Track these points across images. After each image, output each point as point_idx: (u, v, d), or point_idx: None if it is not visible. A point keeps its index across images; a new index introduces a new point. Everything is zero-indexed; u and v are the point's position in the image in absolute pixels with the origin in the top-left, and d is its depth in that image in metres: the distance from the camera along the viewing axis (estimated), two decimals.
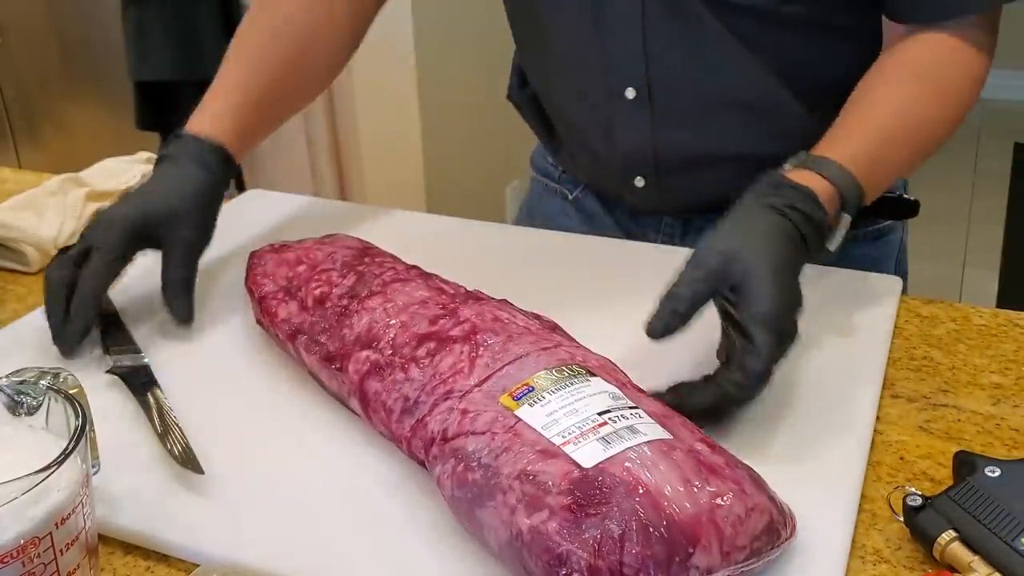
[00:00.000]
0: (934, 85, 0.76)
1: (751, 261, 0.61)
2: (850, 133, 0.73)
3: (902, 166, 0.75)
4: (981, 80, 0.78)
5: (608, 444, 0.48)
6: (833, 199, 0.68)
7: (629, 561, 0.44)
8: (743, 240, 0.63)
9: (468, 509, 0.51)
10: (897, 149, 0.74)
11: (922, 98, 0.75)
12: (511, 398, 0.53)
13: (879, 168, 0.72)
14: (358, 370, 0.60)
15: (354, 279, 0.67)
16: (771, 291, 0.60)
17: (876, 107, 0.74)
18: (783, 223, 0.64)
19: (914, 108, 0.75)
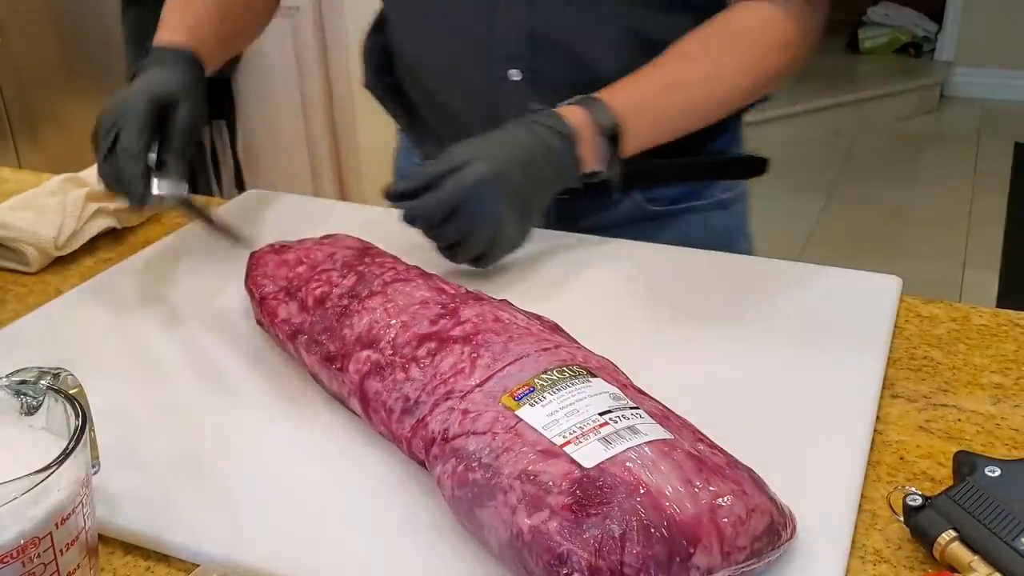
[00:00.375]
0: (732, 48, 0.83)
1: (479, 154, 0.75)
2: (630, 81, 0.81)
3: (682, 112, 0.83)
4: (787, 47, 0.83)
5: (609, 444, 0.48)
6: (586, 122, 0.78)
7: (630, 561, 0.44)
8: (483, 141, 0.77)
9: (468, 509, 0.51)
10: (673, 96, 0.82)
11: (714, 56, 0.83)
12: (512, 398, 0.53)
13: (648, 111, 0.81)
14: (358, 370, 0.60)
15: (354, 279, 0.67)
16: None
17: (666, 61, 0.82)
18: (525, 131, 0.77)
19: (702, 64, 0.82)
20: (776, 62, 0.83)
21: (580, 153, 0.77)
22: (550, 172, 0.77)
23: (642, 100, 0.81)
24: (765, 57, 0.83)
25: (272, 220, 0.95)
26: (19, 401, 0.50)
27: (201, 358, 0.72)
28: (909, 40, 4.29)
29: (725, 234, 0.97)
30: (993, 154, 3.52)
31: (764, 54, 0.83)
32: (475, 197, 0.74)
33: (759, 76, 0.83)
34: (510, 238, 0.77)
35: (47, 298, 0.84)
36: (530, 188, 0.76)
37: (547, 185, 0.77)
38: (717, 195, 0.97)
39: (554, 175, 0.77)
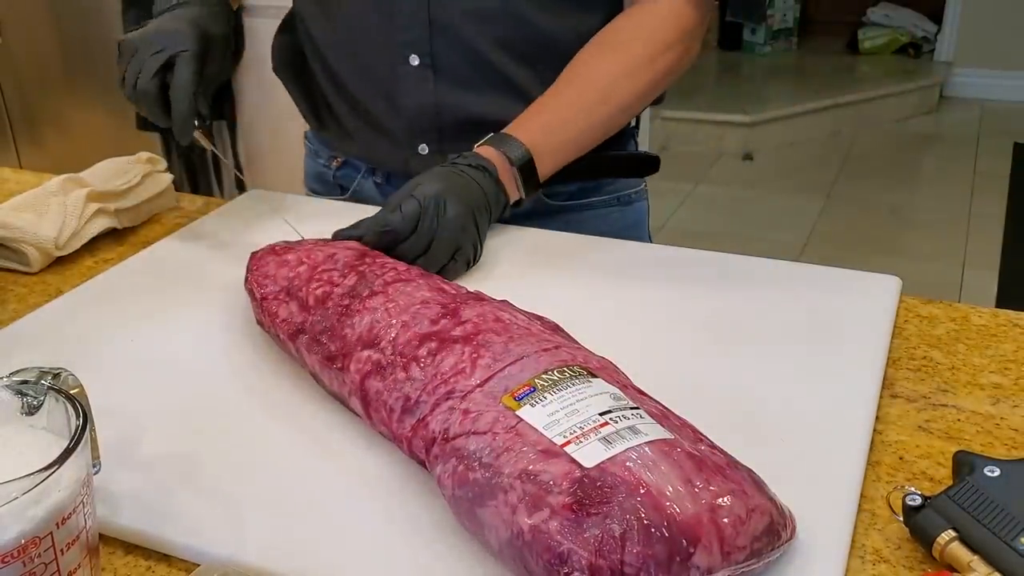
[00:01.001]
0: (623, 61, 0.88)
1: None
2: (534, 110, 0.87)
3: (587, 131, 0.89)
4: (674, 47, 0.89)
5: (609, 444, 0.49)
6: (501, 158, 0.84)
7: (630, 560, 0.44)
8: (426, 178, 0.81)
9: (469, 508, 0.51)
10: (577, 119, 0.88)
11: (607, 72, 0.88)
12: (512, 398, 0.53)
13: (555, 135, 0.87)
14: (359, 369, 0.60)
15: (355, 279, 0.67)
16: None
17: (564, 86, 0.88)
18: (451, 170, 0.81)
19: (598, 82, 0.88)
20: (664, 64, 0.89)
21: (502, 183, 0.83)
22: (482, 200, 0.81)
23: (548, 128, 0.86)
24: (654, 62, 0.88)
25: (272, 220, 0.95)
26: (20, 401, 0.50)
27: (202, 358, 0.72)
28: (909, 41, 4.29)
29: (624, 230, 1.01)
30: (992, 154, 3.52)
31: (653, 59, 0.88)
32: (435, 204, 0.78)
33: (652, 81, 0.89)
34: (466, 249, 0.79)
35: (48, 298, 0.84)
36: (473, 207, 0.79)
37: (483, 210, 0.81)
38: (616, 191, 1.02)
39: (485, 203, 0.81)
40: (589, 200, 1.00)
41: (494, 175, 0.82)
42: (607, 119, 0.89)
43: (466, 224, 0.78)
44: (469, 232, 0.79)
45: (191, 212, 1.01)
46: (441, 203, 0.78)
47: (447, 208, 0.78)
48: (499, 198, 0.83)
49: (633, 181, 1.03)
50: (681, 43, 0.89)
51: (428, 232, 0.77)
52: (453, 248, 0.78)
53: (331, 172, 1.05)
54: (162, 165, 1.03)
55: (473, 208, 0.79)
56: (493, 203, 0.82)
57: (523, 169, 0.84)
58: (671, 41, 0.88)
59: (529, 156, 0.84)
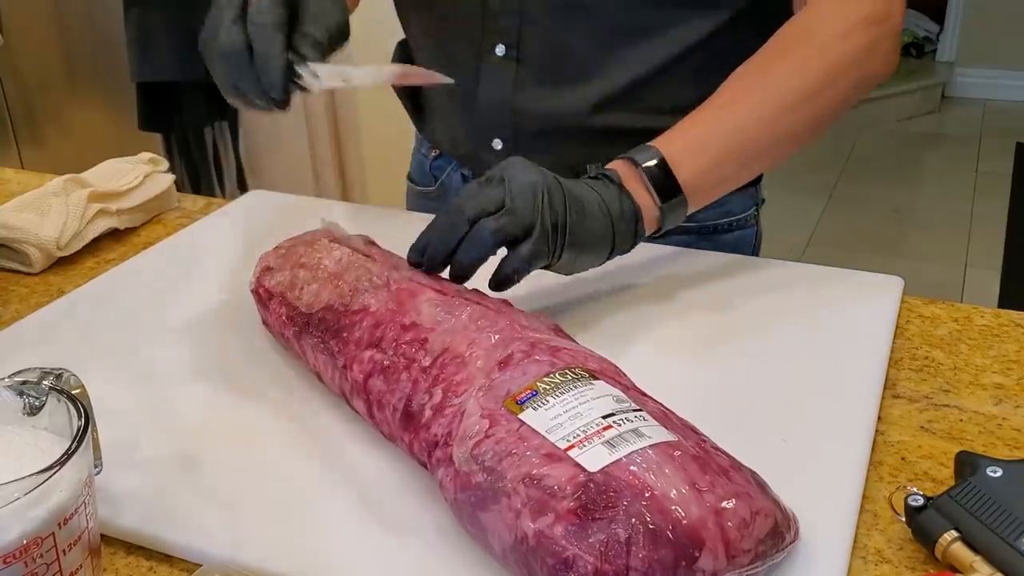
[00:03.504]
0: (783, 57, 0.75)
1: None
2: (693, 124, 0.74)
3: (744, 126, 0.74)
4: (852, 34, 0.74)
5: (613, 448, 0.48)
6: (625, 164, 0.71)
7: (635, 565, 0.44)
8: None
9: (471, 513, 0.51)
10: (725, 115, 0.74)
11: (764, 75, 0.75)
12: (515, 402, 0.52)
13: (699, 135, 0.73)
14: (362, 370, 0.60)
15: (359, 280, 0.67)
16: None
17: (716, 94, 0.75)
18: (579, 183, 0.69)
19: (746, 79, 0.75)
20: (836, 53, 0.74)
21: (627, 189, 0.70)
22: (582, 194, 0.68)
23: (687, 131, 0.73)
24: (820, 53, 0.74)
25: (274, 221, 0.95)
26: (22, 401, 0.50)
27: (203, 358, 0.72)
28: (911, 40, 4.29)
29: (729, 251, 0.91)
30: (995, 154, 3.52)
31: (818, 49, 0.74)
32: (511, 166, 0.67)
33: (820, 72, 0.74)
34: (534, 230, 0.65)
35: (49, 299, 0.84)
36: (555, 184, 0.67)
37: (584, 204, 0.68)
38: (715, 219, 0.93)
39: (593, 202, 0.68)
40: (685, 224, 0.87)
41: (616, 180, 0.70)
42: (771, 116, 0.74)
43: (535, 192, 0.65)
44: (538, 202, 0.65)
45: (193, 212, 1.01)
46: (523, 164, 0.67)
47: (528, 169, 0.66)
48: (624, 205, 0.69)
49: (735, 208, 0.93)
50: (864, 28, 0.74)
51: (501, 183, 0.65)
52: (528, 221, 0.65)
53: (428, 162, 1.04)
54: (164, 165, 1.03)
55: (552, 186, 0.66)
56: (615, 213, 0.68)
57: (652, 173, 0.71)
58: (846, 30, 0.74)
59: (660, 156, 0.71)
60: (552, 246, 0.66)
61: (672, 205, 0.71)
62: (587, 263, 0.70)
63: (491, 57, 0.87)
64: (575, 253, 0.68)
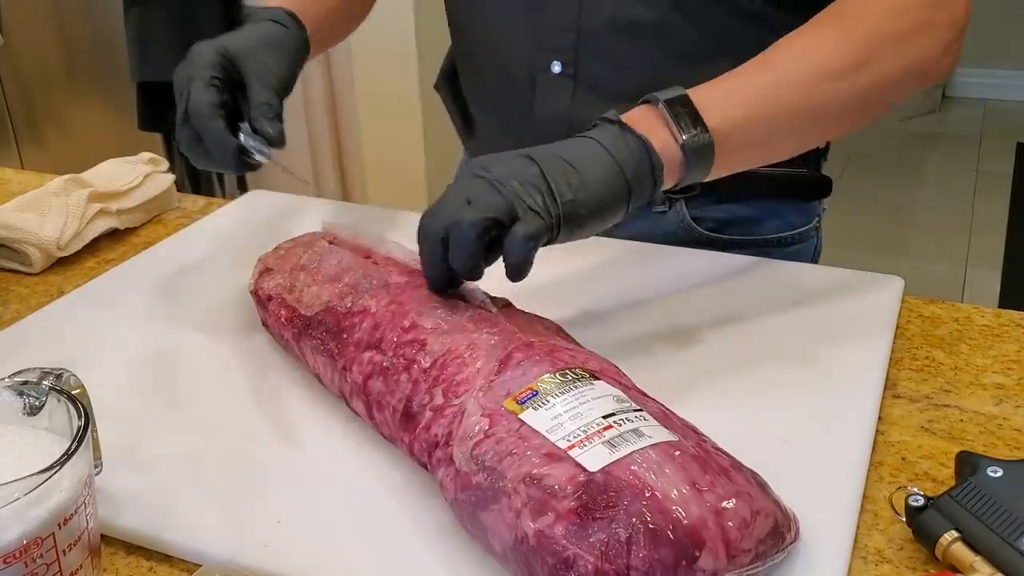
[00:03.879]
0: (830, 25, 0.70)
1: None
2: (726, 77, 0.69)
3: (778, 83, 0.69)
4: (900, 11, 0.70)
5: (614, 448, 0.48)
6: (644, 108, 0.66)
7: (636, 564, 0.44)
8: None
9: (472, 513, 0.51)
10: (759, 71, 0.69)
11: (810, 37, 0.70)
12: (515, 402, 0.52)
13: (728, 82, 0.68)
14: (362, 371, 0.60)
15: (358, 281, 0.67)
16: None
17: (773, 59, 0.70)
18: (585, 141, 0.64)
19: (794, 46, 0.70)
20: (886, 28, 0.69)
21: (630, 126, 0.64)
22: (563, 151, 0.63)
23: (718, 82, 0.68)
24: (866, 25, 0.69)
25: (274, 221, 0.95)
26: (22, 402, 0.50)
27: (204, 358, 0.72)
28: None
29: None
30: (995, 154, 3.52)
31: (863, 21, 0.69)
32: (467, 167, 0.64)
33: (865, 45, 0.69)
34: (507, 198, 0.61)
35: (49, 299, 0.84)
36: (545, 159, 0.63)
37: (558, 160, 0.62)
38: (778, 230, 0.90)
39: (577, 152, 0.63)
40: (744, 237, 0.88)
41: (613, 120, 0.64)
42: (810, 80, 0.68)
43: (496, 174, 0.61)
44: (509, 186, 0.60)
45: (193, 213, 1.01)
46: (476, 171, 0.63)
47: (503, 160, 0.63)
48: (627, 142, 0.63)
49: (798, 220, 0.90)
50: (916, 9, 0.69)
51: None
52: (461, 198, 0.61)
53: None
54: (164, 165, 1.03)
55: (519, 157, 0.62)
56: (618, 153, 0.62)
57: (673, 106, 0.64)
58: (898, 8, 0.69)
59: (682, 92, 0.65)
60: (548, 216, 0.61)
61: (695, 144, 0.64)
62: (603, 219, 0.63)
63: (546, 75, 0.85)
64: (582, 214, 0.62)
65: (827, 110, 0.69)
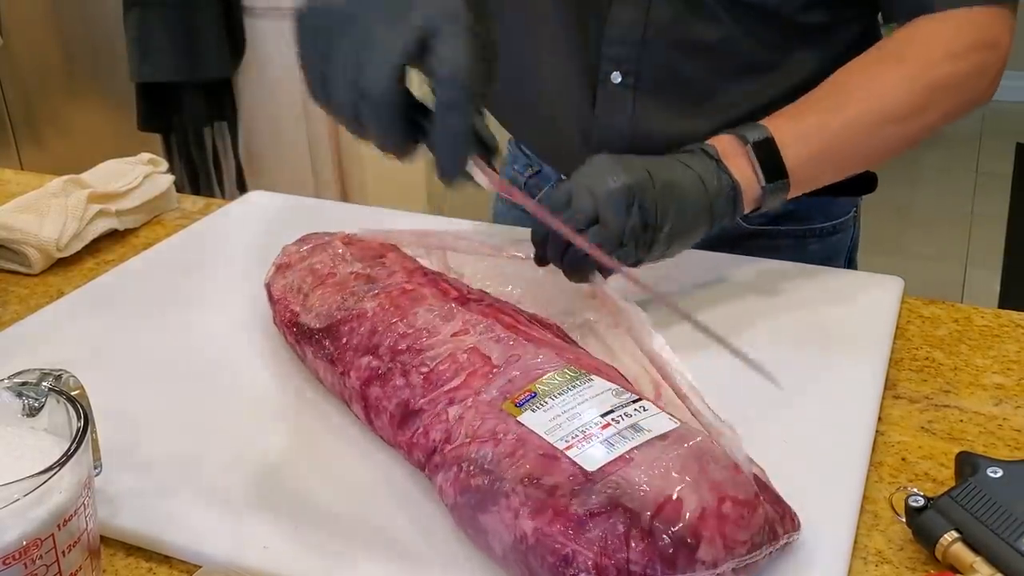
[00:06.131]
0: (889, 63, 0.76)
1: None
2: (800, 114, 0.75)
3: (847, 126, 0.75)
4: (958, 54, 0.75)
5: (611, 446, 0.49)
6: (731, 140, 0.71)
7: (635, 558, 0.45)
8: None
9: (471, 515, 0.51)
10: (831, 114, 0.74)
11: (871, 73, 0.76)
12: (513, 404, 0.53)
13: (803, 119, 0.74)
14: (359, 376, 0.60)
15: (362, 283, 0.67)
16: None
17: (816, 90, 0.76)
18: (671, 161, 0.69)
19: (858, 82, 0.75)
20: (947, 72, 0.75)
21: (724, 164, 0.70)
22: (672, 178, 0.68)
23: (795, 116, 0.74)
24: (933, 69, 0.75)
25: (274, 221, 0.95)
26: (21, 402, 0.50)
27: (203, 359, 0.72)
28: None
29: (817, 262, 0.88)
30: (995, 154, 3.52)
31: (931, 66, 0.75)
32: (596, 170, 0.66)
33: (930, 86, 0.74)
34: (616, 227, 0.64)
35: (49, 300, 0.84)
36: (640, 182, 0.66)
37: (670, 192, 0.67)
38: (818, 222, 0.92)
39: (683, 184, 0.68)
40: (788, 228, 0.90)
41: (713, 155, 0.70)
42: (875, 124, 0.75)
43: (627, 199, 0.64)
44: (630, 216, 0.64)
45: (192, 213, 1.01)
46: (600, 180, 0.65)
47: (610, 164, 0.66)
48: (721, 180, 0.69)
49: (839, 210, 0.93)
50: (974, 52, 0.75)
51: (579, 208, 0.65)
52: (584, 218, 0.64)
53: (523, 180, 1.01)
54: (163, 166, 1.03)
55: (642, 184, 0.65)
56: (712, 188, 0.68)
57: (759, 149, 0.70)
58: (956, 51, 0.75)
59: (768, 134, 0.71)
60: (641, 245, 0.66)
61: (775, 187, 0.71)
62: (685, 245, 0.70)
63: (607, 83, 0.85)
64: (669, 243, 0.68)
65: (885, 148, 0.77)
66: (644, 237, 0.66)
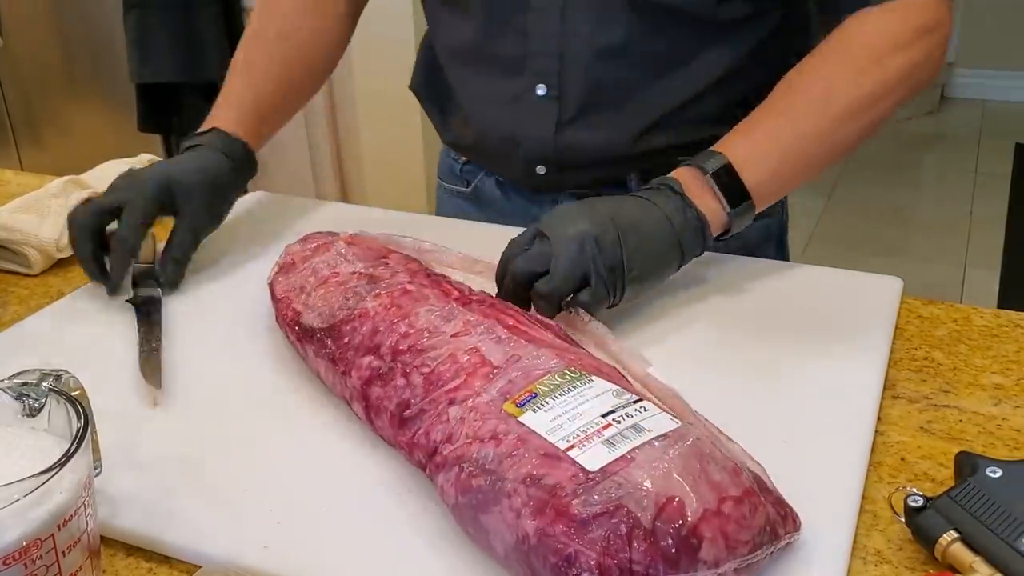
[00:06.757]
0: (836, 60, 0.77)
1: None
2: (737, 127, 0.76)
3: (806, 134, 0.76)
4: (904, 45, 0.76)
5: (613, 446, 0.49)
6: (691, 172, 0.74)
7: (638, 559, 0.45)
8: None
9: (473, 516, 0.51)
10: (787, 122, 0.76)
11: (822, 71, 0.77)
12: (514, 405, 0.53)
13: (761, 139, 0.76)
14: (360, 376, 0.60)
15: (363, 283, 0.67)
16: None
17: (771, 97, 0.78)
18: (604, 199, 0.72)
19: (810, 82, 0.77)
20: (897, 65, 0.76)
21: (690, 198, 0.72)
22: (637, 219, 0.70)
23: (750, 136, 0.76)
24: (881, 62, 0.76)
25: (274, 222, 0.95)
26: (21, 403, 0.50)
27: (201, 360, 0.72)
28: None
29: (753, 246, 0.92)
30: (994, 155, 3.52)
31: (879, 59, 0.76)
32: (556, 219, 0.70)
33: (881, 82, 0.76)
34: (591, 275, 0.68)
35: (49, 300, 0.84)
36: (601, 228, 0.69)
37: (635, 231, 0.69)
38: None
39: (648, 225, 0.70)
40: None
41: (677, 190, 0.72)
42: (829, 126, 0.76)
43: (582, 246, 0.67)
44: (585, 255, 0.67)
45: None
46: (568, 212, 0.69)
47: (574, 216, 0.69)
48: (687, 215, 0.71)
49: None
50: (920, 40, 0.76)
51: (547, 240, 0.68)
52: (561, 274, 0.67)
53: (459, 166, 1.03)
54: None
55: (603, 228, 0.68)
56: (679, 225, 0.70)
57: (720, 178, 0.73)
58: (903, 41, 0.76)
59: (725, 161, 0.73)
60: (611, 287, 0.68)
61: (740, 210, 0.74)
62: (656, 284, 0.73)
63: (531, 96, 0.87)
64: (639, 283, 0.70)
65: (845, 144, 0.78)
66: (611, 278, 0.68)
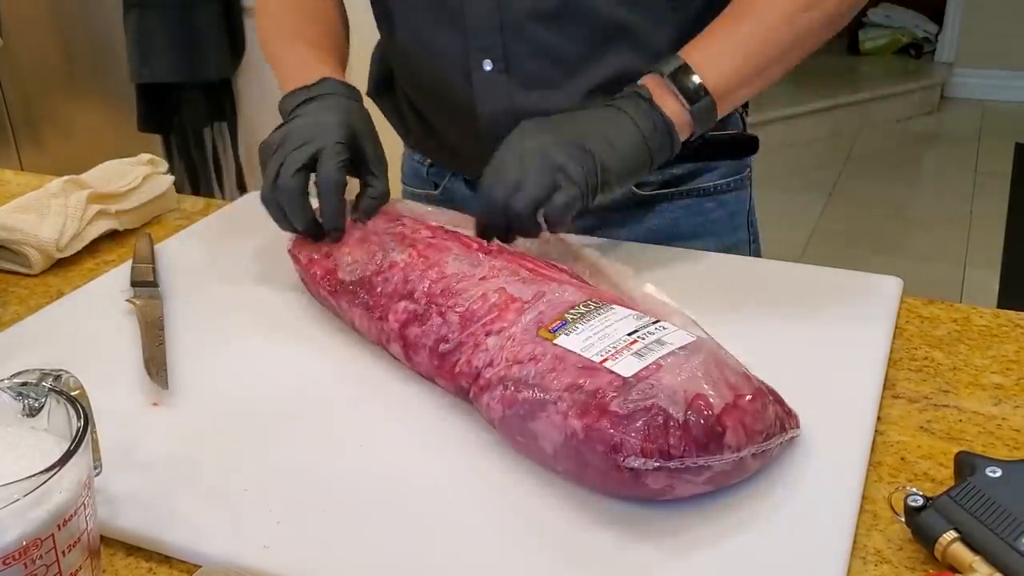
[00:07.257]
0: None
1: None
2: (711, 32, 0.79)
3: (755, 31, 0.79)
4: None
5: (642, 356, 0.56)
6: (652, 78, 0.77)
7: (675, 443, 0.52)
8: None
9: (520, 425, 0.57)
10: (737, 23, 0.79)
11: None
12: (548, 331, 0.60)
13: (714, 40, 0.78)
14: (397, 319, 0.66)
15: (388, 239, 0.73)
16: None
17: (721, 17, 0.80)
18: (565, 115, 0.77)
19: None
20: None
21: (657, 103, 0.76)
22: (601, 125, 0.75)
23: (705, 41, 0.79)
24: None
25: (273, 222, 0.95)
26: (21, 403, 0.50)
27: (201, 360, 0.73)
28: (910, 41, 4.28)
29: (719, 223, 0.95)
30: (994, 155, 3.52)
31: None
32: (518, 136, 0.75)
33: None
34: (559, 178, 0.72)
35: (49, 300, 0.84)
36: (565, 135, 0.74)
37: (596, 135, 0.74)
38: (711, 180, 0.95)
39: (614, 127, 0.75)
40: (679, 189, 0.94)
41: (646, 96, 0.76)
42: (783, 21, 0.79)
43: (547, 154, 0.72)
44: (550, 160, 0.72)
45: (192, 214, 1.01)
46: (519, 141, 0.75)
47: (535, 132, 0.74)
48: (655, 120, 0.75)
49: (730, 171, 0.96)
50: None
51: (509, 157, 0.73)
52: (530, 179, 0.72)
53: (424, 169, 1.04)
54: (163, 167, 1.04)
55: (568, 135, 0.73)
56: (647, 129, 0.75)
57: (677, 79, 0.76)
58: None
59: (681, 62, 0.77)
60: (584, 187, 0.72)
61: (701, 108, 0.76)
62: (627, 183, 0.77)
63: (480, 73, 0.88)
64: (612, 182, 0.74)
65: (805, 36, 0.80)
66: (581, 176, 0.72)
